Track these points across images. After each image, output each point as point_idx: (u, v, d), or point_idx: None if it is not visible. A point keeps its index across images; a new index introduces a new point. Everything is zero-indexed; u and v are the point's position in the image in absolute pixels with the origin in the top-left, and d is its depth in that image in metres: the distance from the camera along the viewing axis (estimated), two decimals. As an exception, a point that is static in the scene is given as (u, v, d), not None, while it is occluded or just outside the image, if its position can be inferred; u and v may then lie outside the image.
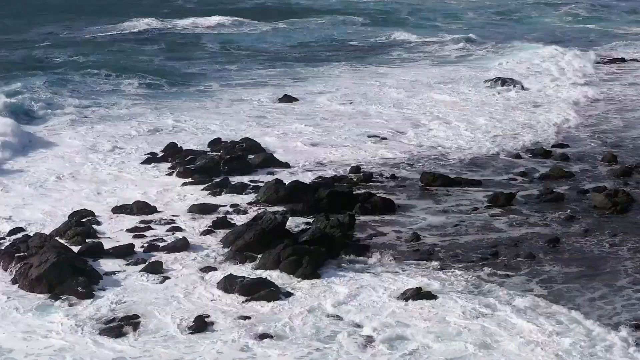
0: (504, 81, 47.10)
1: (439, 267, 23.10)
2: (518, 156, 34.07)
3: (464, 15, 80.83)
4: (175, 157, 33.20)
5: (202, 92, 46.91)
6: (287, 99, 44.21)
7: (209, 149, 34.76)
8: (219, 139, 35.76)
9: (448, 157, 33.97)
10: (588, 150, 35.36)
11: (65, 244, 23.93)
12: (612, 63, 55.78)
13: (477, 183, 30.54)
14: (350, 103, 43.24)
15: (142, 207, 27.27)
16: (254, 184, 29.95)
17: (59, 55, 55.91)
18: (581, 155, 34.50)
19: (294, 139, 36.44)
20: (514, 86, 46.38)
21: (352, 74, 52.18)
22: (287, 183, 28.75)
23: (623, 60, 56.91)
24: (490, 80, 47.66)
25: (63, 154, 34.06)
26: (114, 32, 67.25)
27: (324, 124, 39.21)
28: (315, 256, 22.83)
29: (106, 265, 23.09)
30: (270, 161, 32.39)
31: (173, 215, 26.97)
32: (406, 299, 20.80)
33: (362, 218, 26.80)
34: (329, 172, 31.71)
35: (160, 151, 34.20)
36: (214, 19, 75.04)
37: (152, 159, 33.09)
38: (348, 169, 31.97)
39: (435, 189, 29.88)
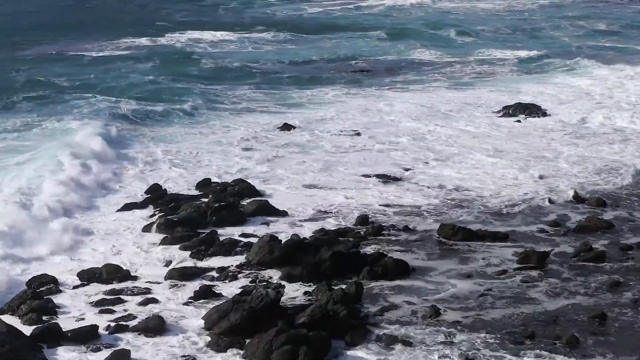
0: (526, 108, 42.62)
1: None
2: (549, 200, 29.91)
3: (475, 27, 75.73)
4: (157, 202, 29.19)
5: (193, 118, 42.79)
6: (286, 127, 40.19)
7: (196, 191, 30.82)
8: (209, 179, 31.79)
9: (469, 201, 29.87)
10: (625, 192, 31.18)
11: (17, 324, 19.99)
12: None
13: (503, 237, 26.46)
14: (358, 135, 38.99)
15: (112, 272, 23.27)
16: (245, 239, 25.90)
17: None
18: (617, 197, 30.41)
19: (292, 179, 32.37)
20: (539, 114, 42.00)
21: (360, 97, 47.68)
22: (283, 241, 24.71)
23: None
24: (510, 106, 43.20)
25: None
26: (107, 50, 62.98)
27: (327, 159, 35.13)
28: (315, 345, 18.81)
29: (62, 356, 19.04)
30: (265, 209, 28.34)
31: (148, 283, 22.94)
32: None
33: (372, 284, 22.80)
34: (333, 222, 27.69)
35: (142, 194, 30.21)
36: (215, 34, 70.41)
37: (130, 205, 29.06)
38: (354, 218, 27.94)
39: (455, 244, 25.83)
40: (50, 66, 55.22)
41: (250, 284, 22.50)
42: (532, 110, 42.47)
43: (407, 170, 33.47)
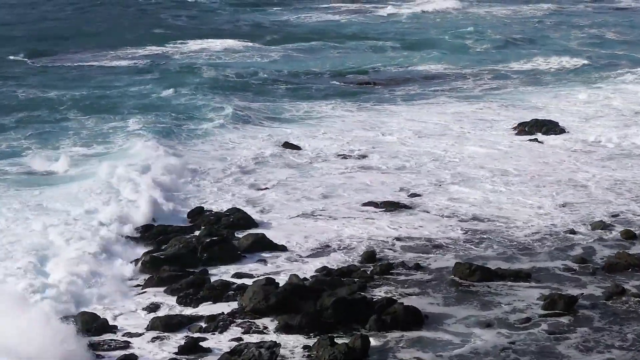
0: (543, 124, 39.89)
1: None
2: (572, 231, 27.25)
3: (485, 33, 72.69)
4: (144, 235, 26.61)
5: (190, 132, 40.08)
6: (287, 145, 37.64)
7: (188, 221, 28.28)
8: (202, 208, 29.19)
9: (486, 232, 27.24)
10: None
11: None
12: None
13: (525, 276, 23.83)
14: (364, 156, 36.31)
15: (88, 322, 20.67)
16: (239, 281, 23.30)
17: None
18: (648, 227, 27.80)
19: (291, 206, 29.76)
20: (556, 131, 39.30)
21: (366, 112, 44.86)
22: (280, 283, 22.11)
23: None
24: (527, 123, 40.49)
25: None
26: (107, 61, 60.28)
27: (330, 183, 32.50)
28: (314, 419, 16.24)
29: None
30: (261, 243, 25.74)
31: (128, 335, 20.34)
32: None
33: (380, 337, 20.20)
34: (336, 258, 25.11)
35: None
36: (219, 43, 67.51)
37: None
38: (360, 253, 25.37)
39: (473, 285, 23.22)
40: (54, 79, 52.54)
41: (242, 338, 19.91)
42: (550, 127, 39.63)
43: (417, 195, 30.83)
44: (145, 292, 22.87)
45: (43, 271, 23.32)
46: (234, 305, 21.83)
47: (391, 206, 29.53)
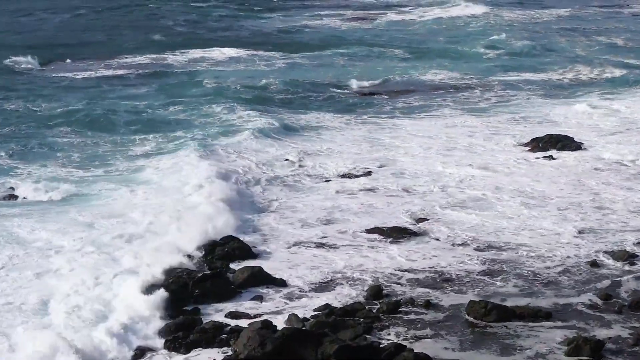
0: (558, 140, 37.80)
1: None
2: (595, 263, 25.21)
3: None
4: (133, 267, 24.66)
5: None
6: (285, 162, 35.70)
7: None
8: (195, 235, 27.22)
9: (501, 263, 25.20)
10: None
11: None
12: None
13: (546, 315, 21.83)
14: (367, 174, 34.31)
15: (65, 372, 18.73)
16: (233, 322, 21.34)
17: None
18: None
19: (291, 234, 27.71)
20: (572, 148, 37.22)
21: (369, 125, 42.89)
22: (278, 328, 20.12)
23: None
24: (541, 138, 38.38)
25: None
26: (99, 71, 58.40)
27: (332, 206, 30.42)
28: None
29: None
30: (258, 277, 23.75)
31: (108, 389, 18.44)
32: None
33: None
34: (340, 294, 23.14)
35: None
36: (225, 51, 65.50)
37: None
38: (365, 287, 23.40)
39: (490, 326, 21.23)
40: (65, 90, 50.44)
41: (234, 392, 18.00)
42: (565, 142, 37.59)
43: (425, 220, 28.82)
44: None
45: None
46: (227, 351, 19.87)
47: (398, 233, 27.53)
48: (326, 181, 33.61)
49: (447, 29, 79.13)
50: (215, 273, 23.37)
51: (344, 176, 34.24)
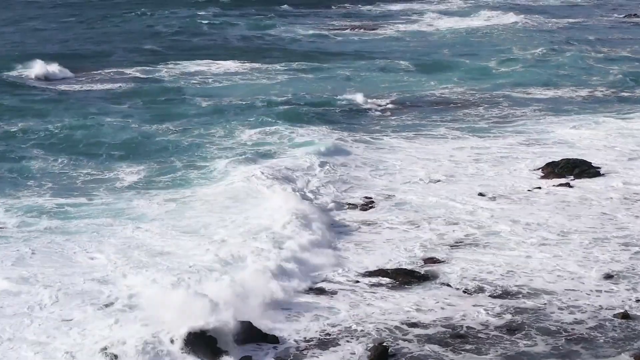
0: (575, 165, 34.85)
1: None
2: (626, 314, 22.39)
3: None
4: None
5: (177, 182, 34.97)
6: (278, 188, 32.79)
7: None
8: (182, 282, 24.42)
9: (520, 313, 22.40)
10: None
11: None
12: None
13: (582, 384, 19.12)
14: (369, 207, 31.43)
15: None
16: (218, 388, 18.62)
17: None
18: None
19: (286, 274, 24.86)
20: (590, 174, 34.30)
21: (369, 146, 39.80)
22: (268, 403, 17.39)
23: None
24: (556, 163, 35.42)
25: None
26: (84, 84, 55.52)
27: (330, 243, 27.65)
28: None
29: None
30: (247, 333, 20.95)
31: None
32: None
33: None
34: (339, 355, 20.36)
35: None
36: (222, 65, 62.59)
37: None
38: (368, 345, 20.65)
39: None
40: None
41: None
42: (583, 168, 34.71)
43: (433, 262, 26.00)
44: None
45: None
46: None
47: (404, 277, 24.71)
48: (321, 211, 30.54)
49: (464, 40, 76.34)
50: (202, 330, 20.51)
51: (341, 202, 31.59)
